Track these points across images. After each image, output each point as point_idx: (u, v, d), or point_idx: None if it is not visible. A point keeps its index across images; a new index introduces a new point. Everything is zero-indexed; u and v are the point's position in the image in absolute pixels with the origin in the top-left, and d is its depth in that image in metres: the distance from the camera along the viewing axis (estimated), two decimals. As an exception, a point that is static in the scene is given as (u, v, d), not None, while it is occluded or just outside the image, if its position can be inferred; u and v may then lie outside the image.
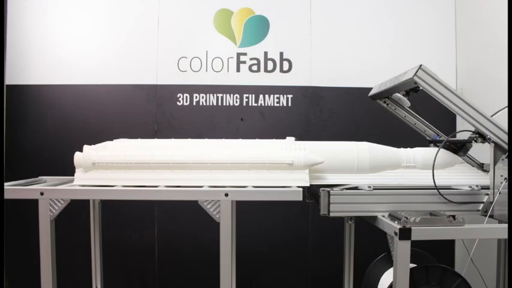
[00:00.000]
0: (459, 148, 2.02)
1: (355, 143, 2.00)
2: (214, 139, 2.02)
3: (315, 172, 1.91)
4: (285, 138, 2.04)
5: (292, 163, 1.82)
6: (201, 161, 1.84)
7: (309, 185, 1.83)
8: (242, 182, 1.83)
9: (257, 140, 2.00)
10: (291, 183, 1.83)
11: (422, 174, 1.95)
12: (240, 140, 2.00)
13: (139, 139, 2.01)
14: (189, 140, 2.01)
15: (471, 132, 1.92)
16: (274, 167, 1.84)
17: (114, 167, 1.86)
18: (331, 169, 1.93)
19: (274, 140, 2.00)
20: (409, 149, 2.04)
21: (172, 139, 2.03)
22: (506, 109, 1.77)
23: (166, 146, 1.93)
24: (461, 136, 2.04)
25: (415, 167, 1.98)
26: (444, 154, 1.99)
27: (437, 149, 2.06)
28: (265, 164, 1.84)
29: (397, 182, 1.89)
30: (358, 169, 1.94)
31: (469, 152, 2.06)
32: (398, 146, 2.06)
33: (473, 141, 1.93)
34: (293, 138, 2.03)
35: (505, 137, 1.75)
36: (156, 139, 2.05)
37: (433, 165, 1.79)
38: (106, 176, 1.86)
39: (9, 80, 3.10)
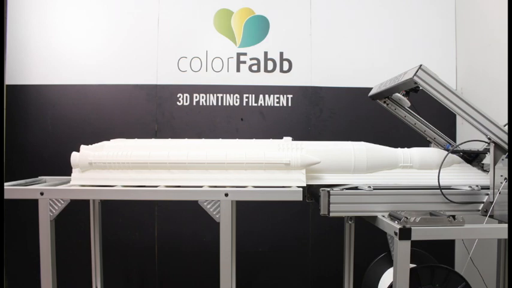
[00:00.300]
0: (473, 158, 2.01)
1: (352, 143, 2.00)
2: (211, 139, 2.02)
3: (312, 172, 1.91)
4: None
5: (289, 163, 1.82)
6: (198, 161, 1.84)
7: (305, 185, 1.83)
8: (238, 182, 1.83)
9: (254, 139, 2.00)
10: (287, 183, 1.82)
11: (419, 174, 1.95)
12: (237, 139, 2.00)
13: (136, 139, 2.01)
14: (186, 140, 2.01)
15: (484, 143, 1.91)
16: (271, 167, 1.84)
17: (111, 167, 1.86)
18: (328, 169, 1.93)
19: (271, 139, 1.99)
20: (406, 149, 2.03)
21: (169, 139, 2.03)
22: (506, 109, 1.77)
23: (163, 146, 1.93)
24: (472, 144, 2.02)
25: (412, 167, 1.98)
26: (441, 153, 1.98)
27: (434, 149, 2.07)
28: (262, 164, 1.84)
29: (394, 182, 1.89)
30: (355, 169, 1.94)
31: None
32: (398, 146, 2.05)
33: (487, 153, 1.92)
34: (290, 138, 2.02)
35: (505, 137, 1.75)
36: (152, 139, 2.04)
37: (440, 166, 1.80)
38: (103, 176, 1.86)
39: (9, 80, 3.10)
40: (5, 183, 1.85)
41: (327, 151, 1.94)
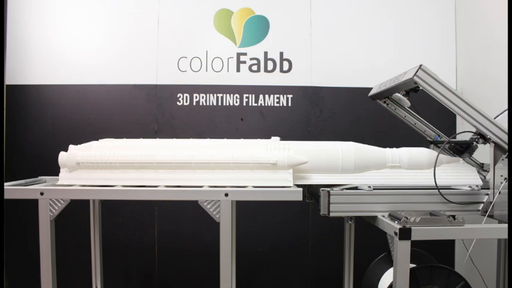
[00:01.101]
0: (465, 149, 2.01)
1: (340, 143, 2.00)
2: (199, 139, 2.02)
3: (299, 172, 1.91)
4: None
5: (275, 163, 1.82)
6: (185, 161, 1.84)
7: (292, 185, 1.83)
8: (226, 181, 1.83)
9: (242, 139, 2.00)
10: (274, 183, 1.82)
11: (408, 174, 1.95)
12: (225, 139, 2.00)
13: (124, 139, 2.02)
14: (175, 139, 2.02)
15: (472, 133, 1.91)
16: (258, 167, 1.84)
17: (99, 167, 1.86)
18: (315, 169, 1.93)
19: (259, 140, 2.00)
20: (394, 148, 2.03)
21: (158, 139, 2.04)
22: (506, 108, 1.77)
23: (152, 145, 1.94)
24: (462, 137, 2.03)
25: (401, 167, 1.97)
26: (429, 153, 1.98)
27: (422, 148, 2.05)
28: (249, 164, 1.83)
29: (383, 182, 1.89)
30: (343, 169, 1.93)
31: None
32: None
33: (474, 142, 1.93)
34: (278, 138, 2.02)
35: (505, 137, 1.75)
36: (141, 139, 2.04)
37: (435, 165, 1.80)
38: (91, 176, 1.86)
39: (9, 80, 3.11)
40: (5, 183, 1.85)
41: (315, 151, 1.94)
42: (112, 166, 1.85)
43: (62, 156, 1.88)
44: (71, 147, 1.92)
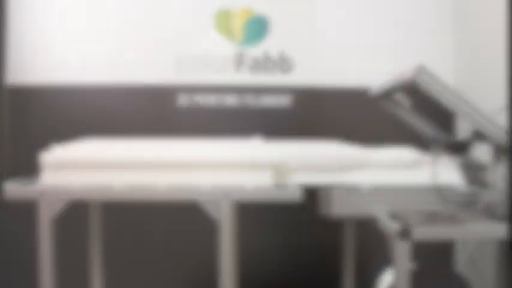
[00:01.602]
0: (460, 148, 2.01)
1: (324, 142, 2.00)
2: (184, 139, 2.03)
3: (281, 172, 1.91)
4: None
5: (256, 163, 1.83)
6: (169, 161, 1.85)
7: (274, 184, 1.83)
8: (209, 181, 1.83)
9: (224, 139, 2.01)
10: (255, 183, 1.82)
11: (394, 174, 1.94)
12: (208, 140, 2.01)
13: (110, 139, 2.03)
14: (163, 140, 2.03)
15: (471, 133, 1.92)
16: (238, 166, 1.84)
17: (83, 167, 1.86)
18: (298, 168, 1.92)
19: (240, 139, 2.00)
20: (379, 148, 2.03)
21: (145, 140, 2.05)
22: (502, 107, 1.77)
23: (138, 146, 1.95)
24: (461, 136, 2.03)
25: (386, 166, 1.96)
26: (413, 153, 1.98)
27: (407, 149, 2.06)
28: (229, 163, 1.84)
29: (369, 182, 1.89)
30: (327, 169, 1.93)
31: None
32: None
33: (472, 142, 1.93)
34: (259, 138, 2.03)
35: (505, 137, 1.75)
36: (127, 139, 2.05)
37: (435, 165, 1.79)
38: (74, 177, 1.86)
39: (9, 79, 3.10)
40: (5, 183, 1.86)
41: (297, 151, 1.95)
42: (96, 166, 1.86)
43: (45, 156, 1.89)
44: (54, 147, 1.93)
